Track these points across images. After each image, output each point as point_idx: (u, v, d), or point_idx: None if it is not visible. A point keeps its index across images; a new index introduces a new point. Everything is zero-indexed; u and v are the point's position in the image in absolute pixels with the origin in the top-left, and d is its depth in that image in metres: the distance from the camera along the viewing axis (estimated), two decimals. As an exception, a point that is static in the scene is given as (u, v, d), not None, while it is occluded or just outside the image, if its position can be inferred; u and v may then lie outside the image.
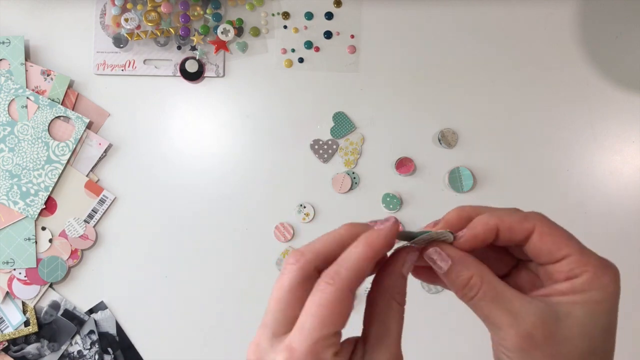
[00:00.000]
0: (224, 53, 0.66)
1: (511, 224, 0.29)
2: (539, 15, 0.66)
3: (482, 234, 0.29)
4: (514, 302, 0.28)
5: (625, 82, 0.66)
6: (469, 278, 0.29)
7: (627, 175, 0.66)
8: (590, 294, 0.27)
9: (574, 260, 0.28)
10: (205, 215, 0.65)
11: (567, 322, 0.27)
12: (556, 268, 0.29)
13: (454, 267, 0.29)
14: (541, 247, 0.29)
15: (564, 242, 0.29)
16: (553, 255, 0.29)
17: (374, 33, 0.66)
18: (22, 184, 0.63)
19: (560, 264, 0.28)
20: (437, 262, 0.29)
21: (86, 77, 0.65)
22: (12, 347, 0.63)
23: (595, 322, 0.27)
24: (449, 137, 0.65)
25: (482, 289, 0.28)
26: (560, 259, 0.28)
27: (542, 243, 0.29)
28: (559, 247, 0.28)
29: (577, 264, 0.28)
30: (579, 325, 0.27)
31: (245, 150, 0.65)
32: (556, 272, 0.29)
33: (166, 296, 0.65)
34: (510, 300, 0.28)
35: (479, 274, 0.28)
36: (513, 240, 0.29)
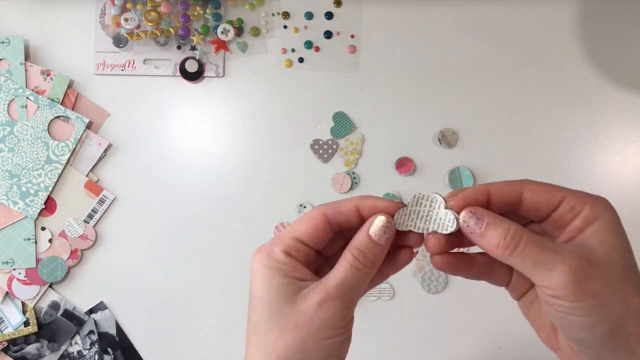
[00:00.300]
0: (224, 53, 0.66)
1: (501, 187, 0.31)
2: (539, 15, 0.66)
3: (472, 194, 0.31)
4: (554, 245, 0.29)
5: (625, 82, 0.66)
6: (507, 229, 0.29)
7: (627, 175, 0.66)
8: (603, 218, 0.29)
9: (571, 199, 0.30)
10: (205, 215, 0.65)
11: (601, 249, 0.29)
12: (559, 213, 0.30)
13: (490, 224, 0.30)
14: (537, 200, 0.31)
15: (555, 188, 0.31)
16: (551, 202, 0.30)
17: (374, 33, 0.66)
18: (22, 184, 0.62)
19: (561, 208, 0.30)
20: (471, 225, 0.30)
21: (86, 77, 0.65)
22: (12, 347, 0.63)
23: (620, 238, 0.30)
24: (449, 137, 0.65)
25: (525, 237, 0.29)
26: (558, 203, 0.30)
27: (535, 195, 0.31)
28: (553, 193, 0.30)
29: (575, 200, 0.30)
30: (611, 248, 0.29)
31: (245, 150, 0.65)
32: (561, 217, 0.30)
33: (166, 296, 0.65)
34: (551, 244, 0.29)
35: (516, 225, 0.30)
36: (506, 201, 0.31)
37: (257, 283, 0.31)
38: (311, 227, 0.32)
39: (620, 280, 0.28)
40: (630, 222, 0.65)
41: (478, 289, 0.64)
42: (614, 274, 0.28)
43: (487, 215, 0.30)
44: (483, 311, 0.65)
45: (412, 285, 0.64)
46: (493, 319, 0.65)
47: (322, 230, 0.32)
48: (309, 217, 0.32)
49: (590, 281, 0.28)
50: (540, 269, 0.29)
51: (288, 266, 0.31)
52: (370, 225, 0.31)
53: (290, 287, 0.31)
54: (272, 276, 0.31)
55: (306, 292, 0.31)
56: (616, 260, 0.29)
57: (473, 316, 0.64)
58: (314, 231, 0.32)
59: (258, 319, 0.31)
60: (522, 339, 0.64)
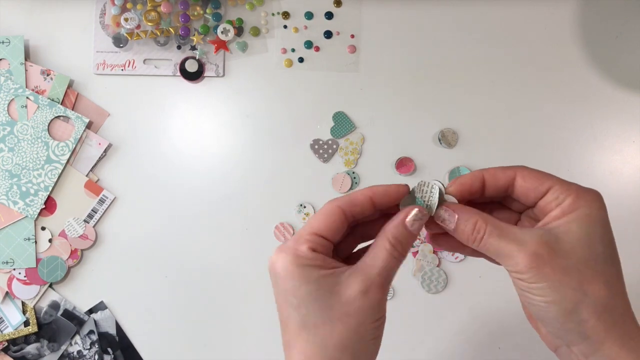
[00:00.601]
0: (224, 53, 0.66)
1: (495, 172, 0.34)
2: (539, 15, 0.66)
3: (468, 181, 0.34)
4: (517, 233, 0.32)
5: (625, 82, 0.66)
6: (474, 223, 0.33)
7: (627, 175, 0.66)
8: (580, 210, 0.31)
9: (558, 189, 0.32)
10: (205, 215, 0.65)
11: (566, 238, 0.31)
12: (545, 201, 0.32)
13: (460, 219, 0.33)
14: (526, 185, 0.33)
15: (545, 177, 0.33)
16: (538, 190, 0.33)
17: (374, 33, 0.66)
18: (22, 184, 0.62)
19: (547, 197, 0.32)
20: (446, 220, 0.34)
21: (86, 77, 0.65)
22: (12, 347, 0.63)
23: (590, 232, 0.31)
24: (449, 137, 0.65)
25: (488, 229, 0.32)
26: (545, 191, 0.32)
27: (526, 181, 0.33)
28: (542, 181, 0.33)
29: (561, 191, 0.32)
30: (577, 238, 0.31)
31: (245, 150, 0.65)
32: (545, 204, 0.32)
33: (166, 296, 0.65)
34: (514, 232, 0.32)
35: (482, 218, 0.33)
36: (499, 186, 0.34)
37: (293, 283, 0.32)
38: (330, 222, 0.33)
39: (580, 270, 0.31)
40: (630, 222, 0.65)
41: (478, 289, 0.64)
42: (572, 263, 0.31)
43: (458, 210, 0.33)
44: (483, 311, 0.65)
45: (412, 285, 0.64)
46: (493, 319, 0.65)
47: (339, 223, 0.33)
48: (326, 212, 0.34)
49: (545, 266, 0.30)
50: (502, 257, 0.32)
51: (319, 261, 0.32)
52: (406, 216, 0.33)
53: (329, 279, 0.32)
54: (309, 273, 0.32)
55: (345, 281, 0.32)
56: (578, 250, 0.31)
57: (473, 316, 0.64)
58: (333, 225, 0.33)
59: (305, 316, 0.32)
60: (522, 339, 0.64)
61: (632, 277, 0.63)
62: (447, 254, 0.64)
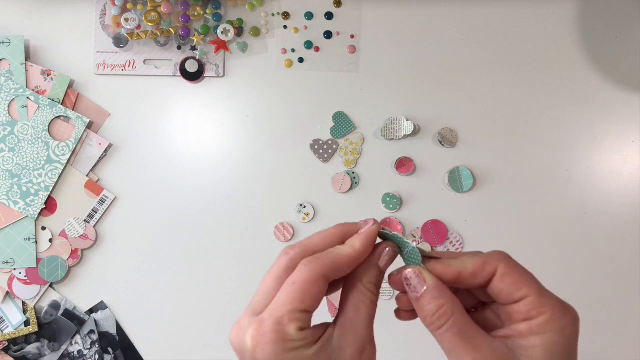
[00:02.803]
0: (224, 53, 0.66)
1: (474, 270, 0.30)
2: (539, 15, 0.66)
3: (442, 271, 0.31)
4: (478, 338, 0.29)
5: (625, 82, 0.66)
6: (440, 306, 0.29)
7: (627, 175, 0.66)
8: (548, 336, 0.28)
9: (532, 302, 0.29)
10: (205, 215, 0.65)
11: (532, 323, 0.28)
12: (515, 309, 0.29)
13: (428, 292, 0.30)
14: (501, 287, 0.30)
15: (523, 283, 0.29)
16: (512, 296, 0.29)
17: (374, 33, 0.66)
18: (22, 184, 0.63)
19: (519, 305, 0.29)
20: (413, 284, 0.30)
21: (86, 77, 0.65)
22: (13, 346, 0.63)
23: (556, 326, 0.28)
24: (449, 136, 0.65)
25: (451, 320, 0.29)
26: (518, 299, 0.29)
27: (502, 284, 0.29)
28: (518, 287, 0.29)
29: (535, 305, 0.29)
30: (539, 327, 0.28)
31: (245, 150, 0.66)
32: (515, 312, 0.29)
33: (166, 296, 0.65)
34: (475, 336, 0.29)
35: (451, 304, 0.29)
36: (476, 284, 0.30)
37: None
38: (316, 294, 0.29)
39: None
40: (630, 222, 0.65)
41: (478, 289, 0.64)
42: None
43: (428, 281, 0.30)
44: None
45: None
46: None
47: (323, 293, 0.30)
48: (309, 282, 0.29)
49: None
50: (452, 358, 0.29)
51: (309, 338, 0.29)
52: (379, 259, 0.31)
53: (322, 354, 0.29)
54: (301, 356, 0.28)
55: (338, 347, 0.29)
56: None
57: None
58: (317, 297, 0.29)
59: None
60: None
61: (633, 277, 0.63)
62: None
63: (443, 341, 0.29)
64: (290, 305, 0.28)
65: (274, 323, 0.28)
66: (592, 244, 0.64)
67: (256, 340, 0.28)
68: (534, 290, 0.29)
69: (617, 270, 0.63)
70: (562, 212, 0.65)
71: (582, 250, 0.65)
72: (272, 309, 0.29)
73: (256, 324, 0.28)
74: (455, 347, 0.28)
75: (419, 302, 0.30)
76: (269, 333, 0.28)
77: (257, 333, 0.28)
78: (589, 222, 0.65)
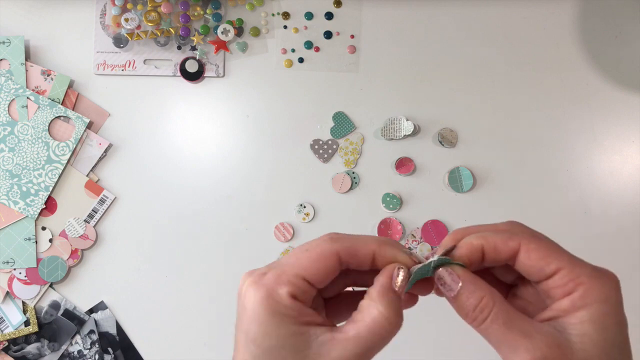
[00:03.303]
0: (224, 53, 0.66)
1: (495, 244, 0.29)
2: (539, 15, 0.66)
3: (466, 254, 0.29)
4: (526, 325, 0.27)
5: (625, 82, 0.66)
6: (480, 298, 0.28)
7: (627, 175, 0.66)
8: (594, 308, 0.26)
9: (567, 274, 0.27)
10: (205, 215, 0.65)
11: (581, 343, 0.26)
12: (550, 285, 0.28)
13: (465, 288, 0.28)
14: (530, 264, 0.28)
15: (553, 256, 0.28)
16: (543, 272, 0.28)
17: (374, 33, 0.66)
18: (22, 184, 0.63)
19: (553, 280, 0.28)
20: (448, 284, 0.28)
21: (86, 77, 0.65)
22: (12, 346, 0.63)
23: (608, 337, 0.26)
24: (449, 136, 0.65)
25: (494, 311, 0.27)
26: (551, 274, 0.28)
27: (530, 260, 0.28)
28: (548, 261, 0.28)
29: (570, 276, 0.27)
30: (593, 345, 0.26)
31: (245, 150, 0.66)
32: (551, 289, 0.28)
33: (166, 296, 0.65)
34: (522, 323, 0.27)
35: (490, 295, 0.28)
36: (499, 259, 0.29)
37: (259, 330, 0.27)
38: (322, 268, 0.28)
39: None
40: (630, 222, 0.65)
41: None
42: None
43: (464, 277, 0.28)
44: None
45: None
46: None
47: (331, 271, 0.28)
48: (320, 254, 0.28)
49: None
50: (503, 350, 0.27)
51: (295, 312, 0.27)
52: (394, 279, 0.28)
53: (300, 338, 0.27)
54: (279, 324, 0.27)
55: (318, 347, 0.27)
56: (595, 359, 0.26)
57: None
58: (324, 272, 0.28)
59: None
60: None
61: (633, 277, 0.63)
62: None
63: (490, 334, 0.27)
64: (294, 269, 0.28)
65: (272, 279, 0.27)
66: (592, 244, 0.64)
67: (251, 287, 0.28)
68: (564, 262, 0.27)
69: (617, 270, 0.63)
70: (562, 212, 0.65)
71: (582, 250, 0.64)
72: (277, 267, 0.28)
73: (259, 274, 0.28)
74: (505, 338, 0.27)
75: (458, 300, 0.28)
76: (262, 286, 0.27)
77: (254, 281, 0.28)
78: (589, 222, 0.65)
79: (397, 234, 0.64)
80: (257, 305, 0.27)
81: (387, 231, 0.64)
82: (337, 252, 0.28)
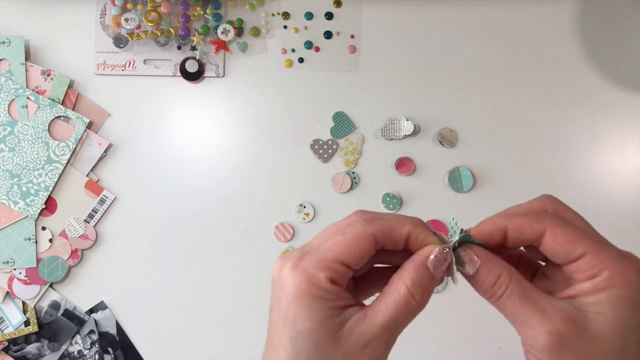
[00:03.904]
0: (224, 53, 0.66)
1: (521, 225, 0.29)
2: (539, 15, 0.66)
3: (487, 231, 0.30)
4: (542, 300, 0.28)
5: (625, 82, 0.66)
6: (498, 276, 0.29)
7: (627, 175, 0.66)
8: (615, 290, 0.27)
9: (591, 259, 0.27)
10: (205, 215, 0.65)
11: (596, 321, 0.27)
12: (574, 268, 0.28)
13: (483, 266, 0.29)
14: (555, 248, 0.28)
15: (579, 241, 0.28)
16: (569, 256, 0.28)
17: (374, 33, 0.66)
18: (22, 184, 0.63)
19: (577, 264, 0.28)
20: (466, 264, 0.29)
21: (86, 77, 0.65)
22: (12, 346, 0.63)
23: (625, 318, 0.27)
24: (449, 136, 0.65)
25: (511, 287, 0.28)
26: (576, 258, 0.28)
27: (556, 244, 0.28)
28: (574, 246, 0.28)
29: (595, 262, 0.27)
30: (608, 323, 0.27)
31: (245, 150, 0.66)
32: (575, 272, 0.28)
33: (166, 296, 0.65)
34: (538, 298, 0.28)
35: (507, 272, 0.29)
36: (524, 241, 0.29)
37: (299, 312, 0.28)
38: (359, 251, 0.29)
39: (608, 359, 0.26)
40: (630, 221, 0.65)
41: (478, 289, 0.64)
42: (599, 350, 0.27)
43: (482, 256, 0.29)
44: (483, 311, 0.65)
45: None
46: (493, 319, 0.64)
47: (368, 252, 0.29)
48: (358, 236, 0.29)
49: (567, 350, 0.26)
50: (518, 324, 0.28)
51: (334, 295, 0.28)
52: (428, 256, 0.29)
53: (336, 320, 0.28)
54: (318, 308, 0.28)
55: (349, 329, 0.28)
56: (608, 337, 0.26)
57: (473, 316, 0.64)
58: (361, 255, 0.29)
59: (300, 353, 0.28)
60: (522, 338, 0.64)
61: (632, 277, 0.63)
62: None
63: (505, 309, 0.29)
64: (332, 253, 0.28)
65: (312, 264, 0.28)
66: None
67: (292, 272, 0.28)
68: (590, 247, 0.28)
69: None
70: (562, 212, 0.65)
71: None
72: (316, 251, 0.29)
73: (297, 258, 0.29)
74: (519, 312, 0.28)
75: (476, 278, 0.29)
76: (303, 271, 0.28)
77: (294, 264, 0.28)
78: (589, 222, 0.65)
79: (397, 234, 0.64)
80: (298, 289, 0.28)
81: (387, 231, 0.64)
82: (374, 234, 0.29)
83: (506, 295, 0.28)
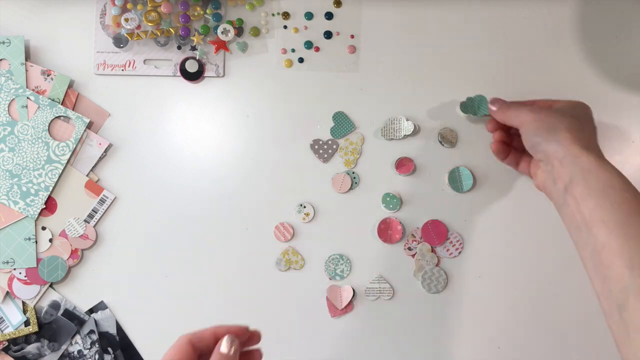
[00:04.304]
0: (224, 53, 0.66)
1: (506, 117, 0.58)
2: (539, 15, 0.66)
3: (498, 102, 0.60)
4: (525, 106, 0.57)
5: (625, 82, 0.66)
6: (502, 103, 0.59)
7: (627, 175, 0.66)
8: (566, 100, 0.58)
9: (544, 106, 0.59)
10: (205, 215, 0.65)
11: (557, 105, 0.57)
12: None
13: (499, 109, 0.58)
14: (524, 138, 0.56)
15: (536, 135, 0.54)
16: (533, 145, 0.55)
17: (374, 33, 0.66)
18: (22, 184, 0.63)
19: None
20: (491, 107, 0.59)
21: (86, 77, 0.65)
22: (12, 346, 0.63)
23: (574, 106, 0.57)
24: (449, 136, 0.65)
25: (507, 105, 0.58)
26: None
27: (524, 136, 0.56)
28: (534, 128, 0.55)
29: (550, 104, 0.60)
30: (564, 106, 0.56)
31: (245, 150, 0.66)
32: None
33: (166, 296, 0.65)
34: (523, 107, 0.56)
35: (506, 102, 0.59)
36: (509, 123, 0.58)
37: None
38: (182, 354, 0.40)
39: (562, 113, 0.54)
40: (630, 222, 0.65)
41: (478, 289, 0.64)
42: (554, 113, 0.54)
43: (496, 104, 0.59)
44: (483, 311, 0.65)
45: (412, 285, 0.64)
46: (492, 319, 0.65)
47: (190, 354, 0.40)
48: (178, 346, 0.40)
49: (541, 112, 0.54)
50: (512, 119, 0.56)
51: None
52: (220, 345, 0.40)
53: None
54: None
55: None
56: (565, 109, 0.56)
57: (473, 316, 0.64)
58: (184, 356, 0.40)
59: None
60: (522, 339, 0.64)
61: (632, 277, 0.63)
62: (443, 252, 0.64)
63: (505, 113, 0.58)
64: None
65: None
66: (592, 244, 0.64)
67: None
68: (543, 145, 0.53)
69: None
70: (562, 212, 0.65)
71: (582, 250, 0.64)
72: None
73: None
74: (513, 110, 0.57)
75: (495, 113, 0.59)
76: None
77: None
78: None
79: (397, 234, 0.64)
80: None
81: (387, 231, 0.64)
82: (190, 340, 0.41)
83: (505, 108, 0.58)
